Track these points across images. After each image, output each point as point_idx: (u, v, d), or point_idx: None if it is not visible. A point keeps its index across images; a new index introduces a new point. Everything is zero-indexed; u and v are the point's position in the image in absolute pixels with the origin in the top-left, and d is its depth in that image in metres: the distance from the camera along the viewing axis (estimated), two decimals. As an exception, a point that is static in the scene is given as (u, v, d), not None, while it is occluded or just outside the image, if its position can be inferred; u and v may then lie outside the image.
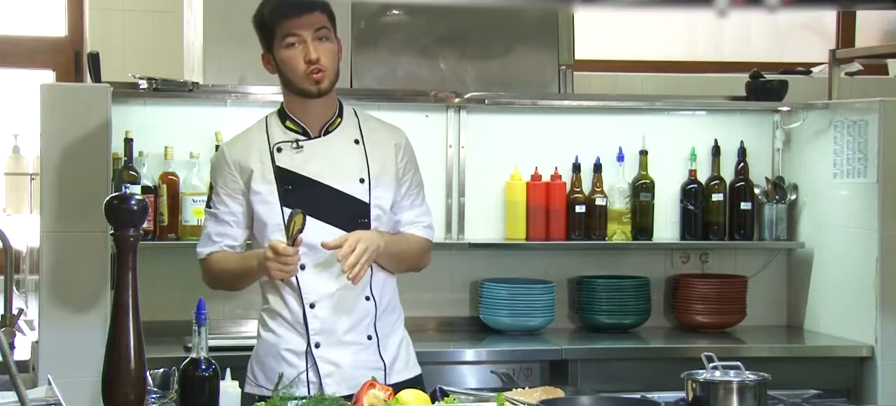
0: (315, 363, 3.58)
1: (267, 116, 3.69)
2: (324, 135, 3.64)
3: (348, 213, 3.58)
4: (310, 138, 3.63)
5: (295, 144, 3.62)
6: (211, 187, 3.73)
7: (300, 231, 3.40)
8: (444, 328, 5.16)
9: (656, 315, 5.30)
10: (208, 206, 3.72)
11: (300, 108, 3.63)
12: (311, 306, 3.59)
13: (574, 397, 3.29)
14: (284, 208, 3.56)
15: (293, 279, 3.58)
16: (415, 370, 3.72)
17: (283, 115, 3.66)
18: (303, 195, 3.56)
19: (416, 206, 3.74)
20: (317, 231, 3.53)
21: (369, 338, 3.62)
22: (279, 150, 3.61)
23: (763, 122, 5.40)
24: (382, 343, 3.64)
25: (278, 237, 3.49)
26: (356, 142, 3.66)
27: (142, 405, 2.74)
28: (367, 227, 3.58)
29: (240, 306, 4.99)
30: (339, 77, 3.63)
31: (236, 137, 3.74)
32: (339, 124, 3.66)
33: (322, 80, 3.56)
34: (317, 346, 3.59)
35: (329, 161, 3.61)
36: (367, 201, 3.60)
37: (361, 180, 3.61)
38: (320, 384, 3.55)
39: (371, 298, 3.62)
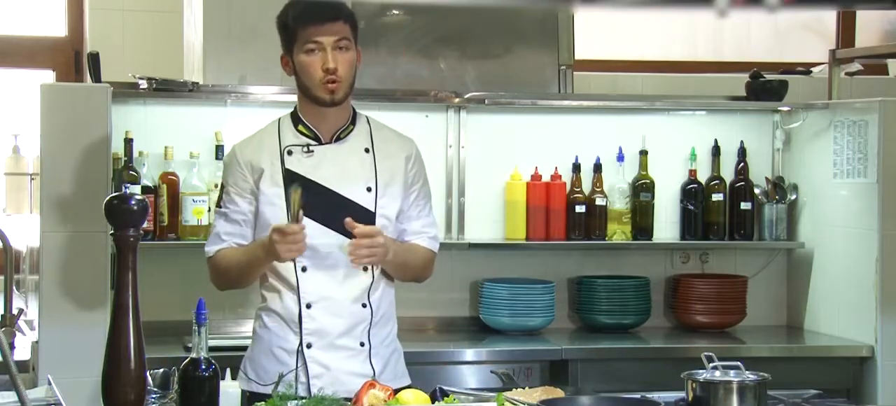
0: (306, 363, 3.59)
1: (280, 119, 3.72)
2: (335, 141, 3.66)
3: (354, 220, 3.57)
4: (321, 144, 3.65)
5: (306, 149, 3.64)
6: (222, 186, 3.74)
7: (301, 207, 3.43)
8: (444, 328, 5.16)
9: (656, 315, 5.30)
10: (218, 205, 3.73)
11: (313, 113, 3.65)
12: (308, 307, 3.61)
13: (574, 397, 3.29)
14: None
15: (293, 278, 3.60)
16: (404, 380, 3.72)
17: (296, 118, 3.69)
18: (310, 199, 3.57)
19: (423, 216, 3.76)
20: (320, 236, 3.55)
21: (362, 344, 3.64)
22: (289, 153, 3.64)
23: (763, 122, 5.40)
24: (374, 351, 3.65)
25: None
26: (366, 150, 3.68)
27: (142, 405, 2.74)
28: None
29: (240, 306, 4.99)
30: (354, 87, 3.65)
31: (249, 138, 3.76)
32: (350, 132, 3.69)
33: (337, 91, 3.59)
34: (309, 346, 3.60)
35: (338, 168, 3.63)
36: (373, 210, 3.62)
37: (369, 189, 3.64)
38: (308, 385, 3.56)
39: (367, 306, 3.64)
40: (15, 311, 4.47)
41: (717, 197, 5.30)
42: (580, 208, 5.18)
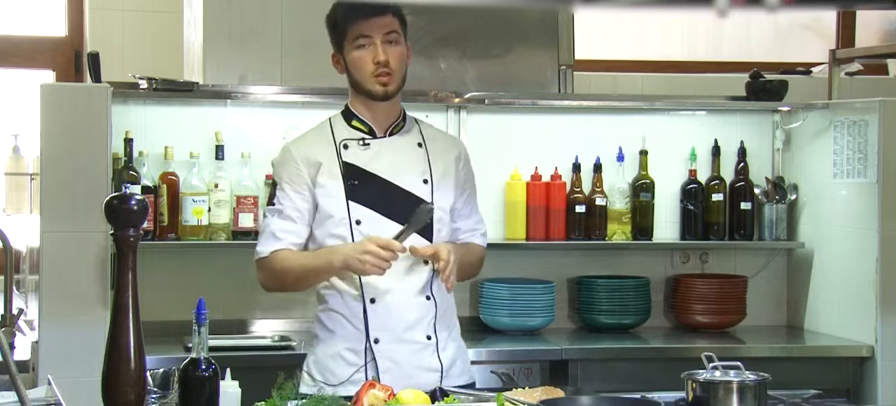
0: (374, 358, 3.60)
1: (330, 118, 3.74)
2: (389, 135, 3.69)
3: (413, 210, 3.58)
4: (376, 137, 3.67)
5: (361, 142, 3.66)
6: (274, 184, 3.72)
7: (417, 229, 3.48)
8: (444, 328, 5.15)
9: (656, 315, 5.30)
10: (271, 203, 3.70)
11: (366, 108, 3.68)
12: (372, 301, 3.61)
13: (574, 397, 3.29)
14: (350, 202, 3.59)
15: (355, 275, 3.59)
16: (469, 377, 3.73)
17: (348, 115, 3.71)
18: (369, 191, 3.61)
19: (474, 214, 3.82)
20: (380, 227, 3.57)
21: (429, 338, 3.64)
22: (346, 146, 3.66)
23: (763, 122, 5.40)
24: (441, 345, 3.65)
25: (342, 232, 3.57)
26: (419, 145, 3.71)
27: (142, 405, 2.73)
28: (429, 226, 3.61)
29: (240, 306, 4.99)
30: (405, 81, 3.68)
31: (301, 136, 3.78)
32: (402, 127, 3.72)
33: (389, 83, 3.61)
34: (376, 341, 3.60)
35: (395, 160, 3.66)
36: (431, 201, 3.64)
37: (425, 181, 3.66)
38: (378, 380, 3.55)
39: (431, 298, 3.65)
40: (15, 311, 4.48)
41: (717, 197, 5.30)
42: (580, 208, 5.18)
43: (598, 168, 5.21)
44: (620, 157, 5.24)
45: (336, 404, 3.21)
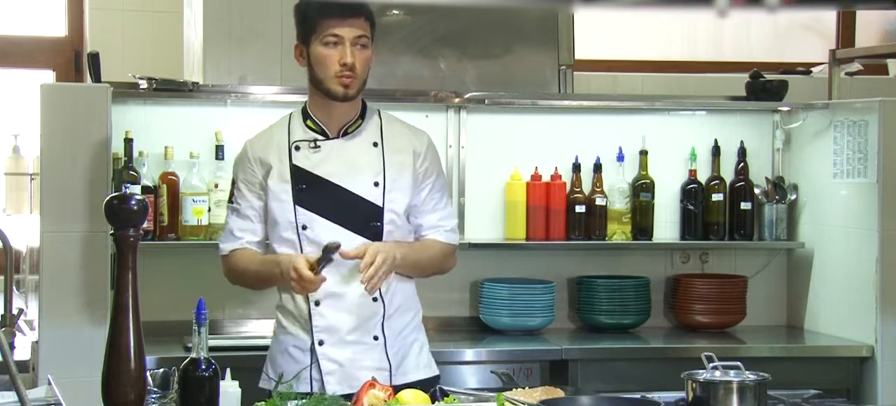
0: (318, 360, 3.61)
1: (291, 113, 3.74)
2: (342, 136, 3.67)
3: (361, 215, 3.60)
4: (328, 139, 3.66)
5: (313, 144, 3.65)
6: (233, 182, 3.76)
7: (327, 261, 3.45)
8: (444, 328, 5.15)
9: (656, 315, 5.30)
10: (230, 201, 3.75)
11: (322, 107, 3.67)
12: (317, 304, 3.62)
13: (574, 397, 3.29)
14: (297, 207, 3.59)
15: None
16: (427, 371, 3.73)
17: (305, 113, 3.71)
18: (316, 195, 3.60)
19: (439, 209, 3.75)
20: (328, 232, 3.57)
21: (376, 338, 3.64)
22: (297, 148, 3.66)
23: (763, 122, 5.40)
24: (390, 343, 3.65)
25: (290, 236, 3.59)
26: (375, 144, 3.68)
27: (142, 405, 2.73)
28: (379, 230, 3.60)
29: (240, 306, 4.99)
30: (365, 84, 3.67)
31: (260, 133, 3.77)
32: (359, 126, 3.69)
33: (351, 86, 3.61)
34: (320, 343, 3.61)
35: (345, 162, 3.64)
36: (381, 205, 3.63)
37: (376, 184, 3.64)
38: (322, 382, 3.57)
39: (379, 300, 3.64)
40: (15, 311, 4.47)
41: (717, 197, 5.29)
42: (580, 208, 5.18)
43: (598, 168, 5.21)
44: (620, 157, 5.24)
45: (336, 404, 3.21)
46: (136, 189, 4.65)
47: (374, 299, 3.63)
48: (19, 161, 5.66)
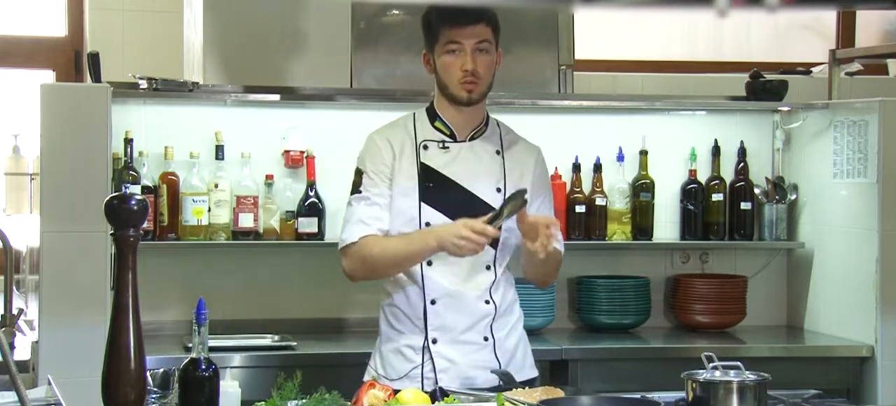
0: (432, 358, 3.65)
1: (414, 113, 3.78)
2: (469, 140, 3.73)
3: (481, 218, 3.60)
4: (456, 141, 3.71)
5: (441, 145, 3.71)
6: (359, 172, 3.74)
7: (511, 215, 3.47)
8: (444, 328, 5.14)
9: (656, 315, 5.30)
10: (354, 192, 3.71)
11: (450, 111, 3.72)
12: (433, 303, 3.67)
13: (574, 397, 3.29)
14: (422, 204, 3.64)
15: (418, 274, 3.65)
16: (531, 372, 3.78)
17: (432, 114, 3.74)
18: (443, 195, 3.65)
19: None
20: None
21: (486, 339, 3.70)
22: (426, 147, 3.70)
23: (763, 122, 5.40)
24: (498, 344, 3.70)
25: (410, 231, 3.62)
26: (497, 152, 3.75)
27: (142, 405, 2.73)
28: (496, 237, 3.60)
29: (241, 305, 4.99)
30: (491, 88, 3.72)
31: (384, 126, 3.80)
32: (484, 133, 3.76)
33: (474, 91, 3.65)
34: (434, 341, 3.66)
35: (471, 166, 3.70)
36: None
37: (498, 190, 3.70)
38: (435, 379, 3.62)
39: (490, 302, 3.70)
40: (15, 311, 4.47)
41: (717, 197, 5.30)
42: (580, 208, 5.18)
43: (598, 168, 5.21)
44: (620, 157, 5.24)
45: (336, 404, 3.21)
46: (136, 189, 4.65)
47: (486, 301, 3.69)
48: (19, 161, 5.66)
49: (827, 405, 3.64)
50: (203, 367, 3.04)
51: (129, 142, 4.77)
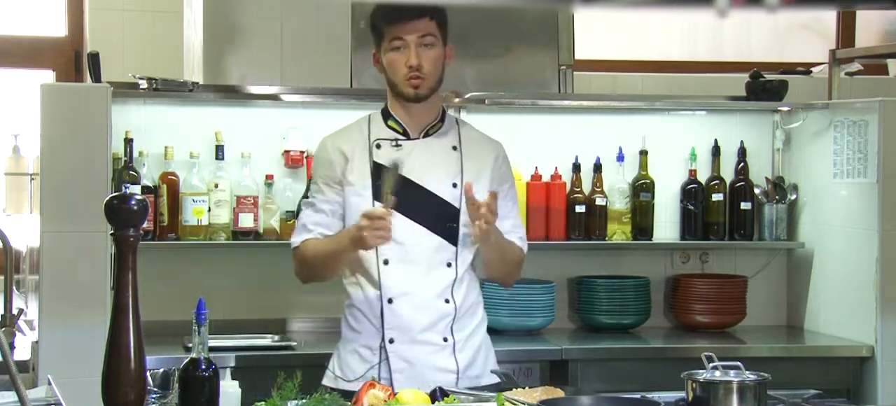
0: (387, 358, 3.63)
1: (369, 115, 3.77)
2: (423, 137, 3.71)
3: (438, 215, 3.63)
4: (409, 139, 3.70)
5: (394, 142, 3.70)
6: (310, 180, 3.79)
7: (392, 192, 3.46)
8: (444, 328, 5.14)
9: (656, 315, 5.30)
10: (306, 196, 3.78)
11: (402, 109, 3.71)
12: (390, 301, 3.63)
13: (574, 397, 3.29)
14: (376, 202, 3.61)
15: (375, 273, 3.63)
16: (494, 377, 3.71)
17: (386, 114, 3.74)
18: (396, 192, 3.60)
19: (512, 216, 3.79)
20: (405, 229, 3.59)
21: (445, 340, 3.66)
22: (378, 146, 3.69)
23: (763, 122, 5.40)
24: (458, 347, 3.67)
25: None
26: (454, 148, 3.73)
27: (142, 405, 2.73)
28: (454, 231, 3.63)
29: (241, 305, 4.99)
30: (441, 83, 3.70)
31: (338, 131, 3.80)
32: (439, 129, 3.74)
33: (421, 86, 3.64)
34: (391, 341, 3.63)
35: (425, 163, 3.68)
36: (458, 206, 3.65)
37: (454, 185, 3.68)
38: (391, 380, 3.59)
39: (450, 301, 3.66)
40: (15, 311, 4.47)
41: (717, 197, 5.30)
42: (580, 208, 5.18)
43: (598, 168, 5.21)
44: (620, 157, 5.24)
45: (336, 404, 3.21)
46: (136, 189, 4.65)
47: (446, 300, 3.65)
48: (19, 161, 5.66)
49: (827, 405, 3.64)
50: (203, 367, 3.04)
51: (129, 142, 4.77)
